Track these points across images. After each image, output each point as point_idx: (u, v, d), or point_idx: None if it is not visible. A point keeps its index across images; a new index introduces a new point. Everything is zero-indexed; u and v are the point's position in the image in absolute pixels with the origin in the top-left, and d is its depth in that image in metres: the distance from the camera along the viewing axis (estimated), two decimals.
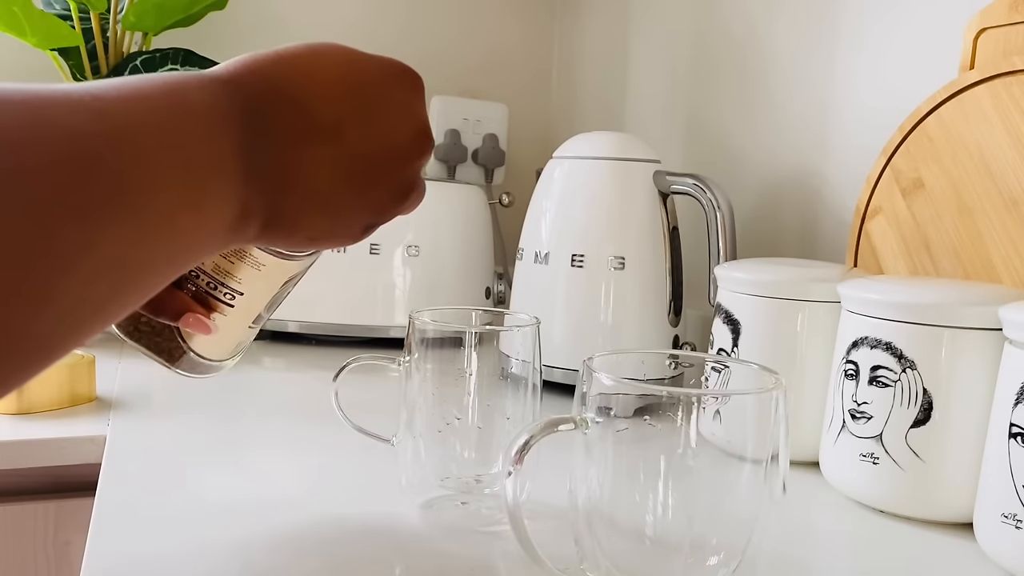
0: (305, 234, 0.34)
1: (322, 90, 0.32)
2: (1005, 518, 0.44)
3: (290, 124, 0.31)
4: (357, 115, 0.33)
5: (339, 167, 0.33)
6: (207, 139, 0.28)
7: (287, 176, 0.31)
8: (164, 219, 0.26)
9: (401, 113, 0.35)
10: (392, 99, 0.35)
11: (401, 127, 0.35)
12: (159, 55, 0.99)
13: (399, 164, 0.36)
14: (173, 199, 0.26)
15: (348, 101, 0.33)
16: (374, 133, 0.34)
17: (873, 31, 0.76)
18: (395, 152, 0.35)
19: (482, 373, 0.50)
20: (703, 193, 0.72)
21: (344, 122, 0.33)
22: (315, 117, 0.32)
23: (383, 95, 0.35)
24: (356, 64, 0.34)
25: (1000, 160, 0.57)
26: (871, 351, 0.51)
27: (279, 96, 0.31)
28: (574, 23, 1.32)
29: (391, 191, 0.36)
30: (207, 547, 0.44)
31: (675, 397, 0.36)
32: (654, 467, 0.37)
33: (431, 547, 0.46)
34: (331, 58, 0.34)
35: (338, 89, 0.33)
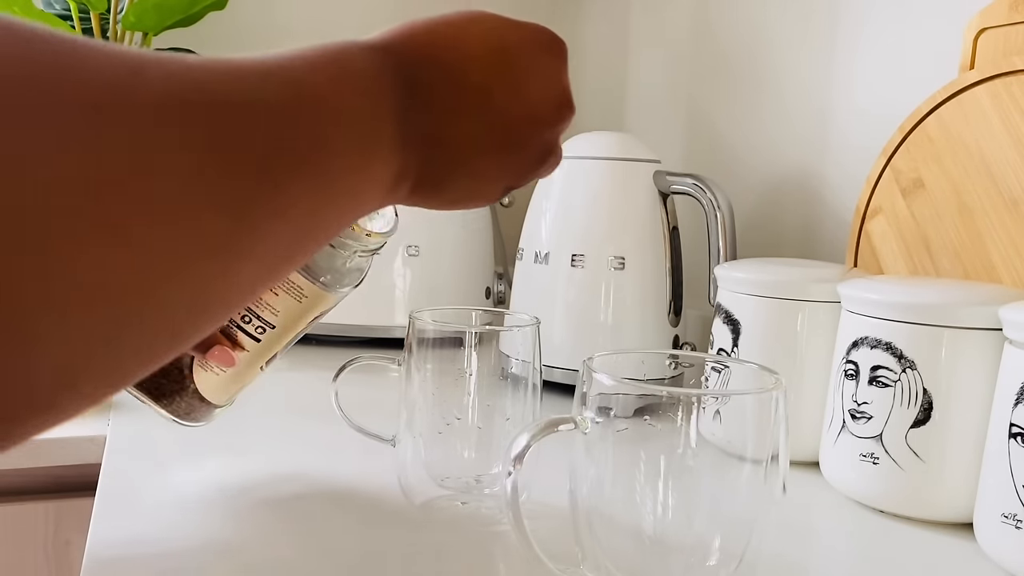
0: (449, 195, 0.35)
1: (472, 56, 0.33)
2: (1005, 518, 0.44)
3: (442, 89, 0.32)
4: (504, 80, 0.34)
5: (484, 130, 0.34)
6: (373, 104, 0.29)
7: (438, 139, 0.32)
8: (341, 181, 0.27)
9: (545, 80, 0.36)
10: (538, 65, 0.36)
11: (545, 93, 0.36)
12: None
13: (540, 129, 0.36)
14: (348, 162, 0.28)
15: (496, 67, 0.34)
16: (519, 98, 0.35)
17: (873, 31, 0.76)
18: (537, 118, 0.36)
19: (482, 373, 0.50)
20: (703, 193, 0.72)
21: (491, 87, 0.34)
22: (465, 82, 0.33)
23: (530, 61, 0.35)
24: (505, 31, 0.35)
25: (1000, 160, 0.57)
26: (871, 351, 0.51)
27: (433, 62, 0.32)
28: (574, 23, 1.32)
29: (531, 155, 0.37)
30: (207, 547, 0.44)
31: (675, 397, 0.36)
32: (654, 467, 0.37)
33: (431, 547, 0.46)
34: (482, 25, 0.35)
35: (487, 55, 0.34)
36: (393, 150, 0.30)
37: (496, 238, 1.05)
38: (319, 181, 0.26)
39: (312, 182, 0.25)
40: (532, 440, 0.37)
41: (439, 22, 0.34)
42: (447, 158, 0.33)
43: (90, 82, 0.19)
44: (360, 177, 0.29)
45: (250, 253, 0.24)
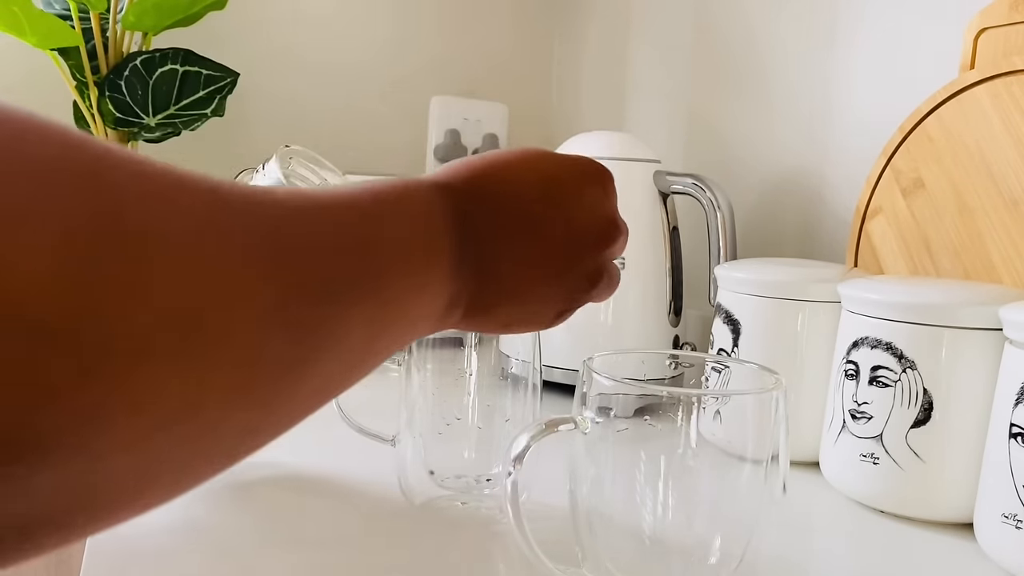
0: (501, 320, 0.37)
1: (522, 190, 0.36)
2: (1005, 518, 0.44)
3: (492, 221, 0.35)
4: (549, 211, 0.36)
5: (533, 259, 0.36)
6: (430, 235, 0.31)
7: (488, 269, 0.34)
8: (396, 312, 0.29)
9: (591, 208, 0.38)
10: (582, 195, 0.38)
11: (589, 220, 0.38)
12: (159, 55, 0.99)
13: (586, 254, 0.38)
14: (405, 295, 0.29)
15: (543, 199, 0.36)
16: (565, 227, 0.37)
17: (873, 31, 0.76)
18: (583, 243, 0.38)
19: (482, 373, 0.50)
20: (703, 193, 0.72)
21: (540, 218, 0.36)
22: (515, 213, 0.35)
23: (574, 191, 0.38)
24: (555, 166, 0.38)
25: (1000, 160, 0.57)
26: (871, 351, 0.51)
27: (486, 196, 0.35)
28: (574, 23, 1.32)
29: (579, 279, 0.38)
30: (207, 547, 0.44)
31: (675, 397, 0.36)
32: (654, 467, 0.37)
33: (431, 547, 0.46)
34: (531, 159, 0.37)
35: (535, 189, 0.36)
36: (445, 281, 0.32)
37: None
38: (377, 313, 0.27)
39: (370, 313, 0.27)
40: (532, 440, 0.37)
41: (496, 158, 0.36)
42: (496, 286, 0.35)
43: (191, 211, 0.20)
44: (415, 308, 0.30)
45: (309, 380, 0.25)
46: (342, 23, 1.25)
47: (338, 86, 1.23)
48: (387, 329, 0.29)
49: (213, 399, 0.21)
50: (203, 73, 1.03)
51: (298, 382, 0.24)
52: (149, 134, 1.01)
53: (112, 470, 0.19)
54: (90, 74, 0.98)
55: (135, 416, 0.19)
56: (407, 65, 1.26)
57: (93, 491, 0.19)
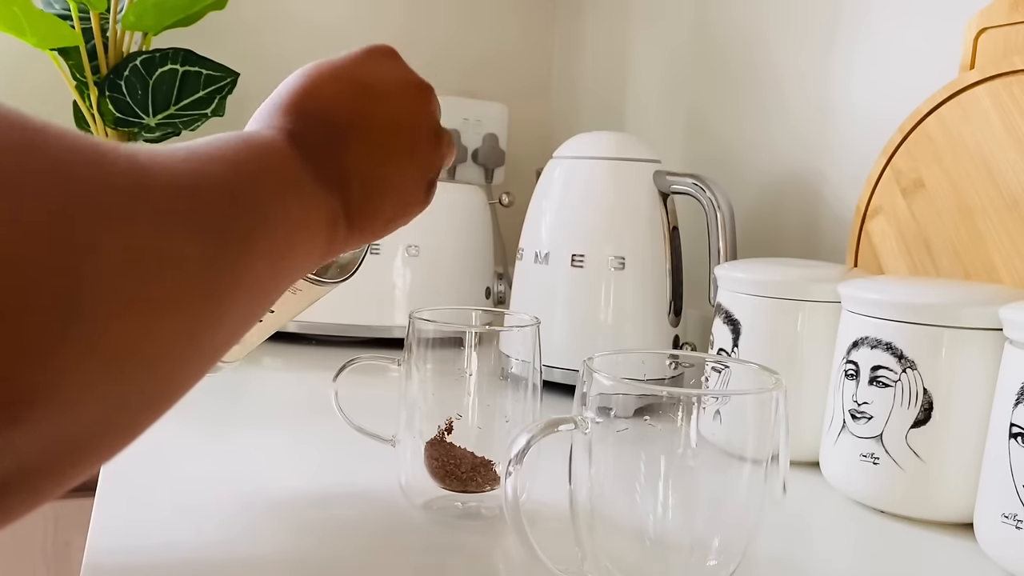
0: (384, 217, 0.40)
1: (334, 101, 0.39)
2: (1005, 518, 0.44)
3: (327, 138, 0.37)
4: (364, 103, 0.39)
5: (374, 149, 0.39)
6: (284, 168, 0.34)
7: (345, 175, 0.37)
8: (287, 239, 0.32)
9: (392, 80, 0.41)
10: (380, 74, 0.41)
11: (397, 91, 0.41)
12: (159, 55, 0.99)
13: (413, 119, 0.41)
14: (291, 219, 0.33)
15: (353, 97, 0.39)
16: (383, 109, 0.40)
17: (873, 31, 0.76)
18: (404, 112, 0.41)
19: (482, 373, 0.50)
20: (703, 193, 0.72)
21: (359, 114, 0.39)
22: (338, 123, 0.38)
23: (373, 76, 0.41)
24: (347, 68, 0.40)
25: (1000, 160, 0.57)
26: (871, 351, 0.51)
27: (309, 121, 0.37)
28: (574, 23, 1.32)
29: (421, 144, 0.42)
30: (207, 547, 0.44)
31: (675, 397, 0.36)
32: (654, 467, 0.37)
33: (431, 547, 0.46)
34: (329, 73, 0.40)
35: (344, 94, 0.39)
36: (318, 203, 0.35)
37: (496, 238, 1.05)
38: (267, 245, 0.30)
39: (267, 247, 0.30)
40: (532, 440, 0.36)
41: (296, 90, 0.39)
42: (362, 187, 0.38)
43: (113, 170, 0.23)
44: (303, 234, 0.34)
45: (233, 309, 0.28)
46: (342, 23, 1.25)
47: None
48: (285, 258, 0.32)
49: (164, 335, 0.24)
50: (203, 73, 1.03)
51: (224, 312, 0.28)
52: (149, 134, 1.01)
53: (90, 416, 0.22)
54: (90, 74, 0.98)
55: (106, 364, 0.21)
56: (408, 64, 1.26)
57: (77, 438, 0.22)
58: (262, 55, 1.18)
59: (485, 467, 0.49)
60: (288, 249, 0.32)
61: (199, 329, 0.26)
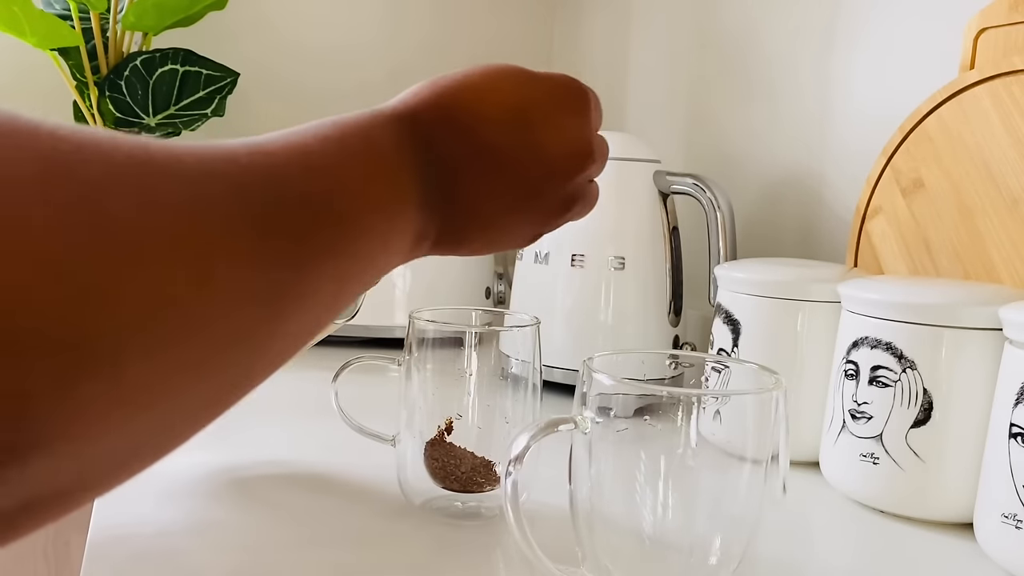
0: (471, 247, 0.37)
1: (489, 115, 0.34)
2: (1005, 518, 0.44)
3: (459, 150, 0.33)
4: (518, 137, 0.35)
5: (500, 187, 0.35)
6: (392, 173, 0.30)
7: (455, 199, 0.33)
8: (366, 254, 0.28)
9: (562, 131, 0.37)
10: (555, 119, 0.37)
11: (561, 145, 0.37)
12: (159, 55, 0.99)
13: (557, 182, 0.37)
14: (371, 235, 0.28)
15: (512, 125, 0.35)
16: (535, 154, 0.36)
17: (873, 31, 0.76)
18: (554, 171, 0.37)
19: (482, 373, 0.50)
20: (703, 193, 0.72)
21: (506, 146, 0.35)
22: (480, 142, 0.34)
23: (546, 117, 0.36)
24: (525, 87, 0.36)
25: (1000, 160, 0.57)
26: (871, 351, 0.51)
27: (450, 124, 0.33)
28: (574, 23, 1.32)
29: (551, 206, 0.38)
30: (207, 547, 0.44)
31: (675, 397, 0.36)
32: (654, 467, 0.37)
33: (431, 547, 0.46)
34: (503, 82, 0.35)
35: (504, 114, 0.35)
36: (412, 217, 0.31)
37: None
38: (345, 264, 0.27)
39: (339, 266, 0.26)
40: (532, 440, 0.36)
41: (465, 80, 0.35)
42: (465, 216, 0.34)
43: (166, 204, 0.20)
44: (382, 250, 0.30)
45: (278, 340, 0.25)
46: (342, 23, 1.25)
47: (338, 85, 1.23)
48: (356, 276, 0.28)
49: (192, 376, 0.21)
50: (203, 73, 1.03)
51: (267, 345, 0.24)
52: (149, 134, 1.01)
53: (102, 451, 0.20)
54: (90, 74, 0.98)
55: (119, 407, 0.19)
56: (407, 65, 1.26)
57: (86, 471, 0.20)
58: (262, 55, 1.18)
59: (485, 467, 0.49)
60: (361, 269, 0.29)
61: (232, 368, 0.23)
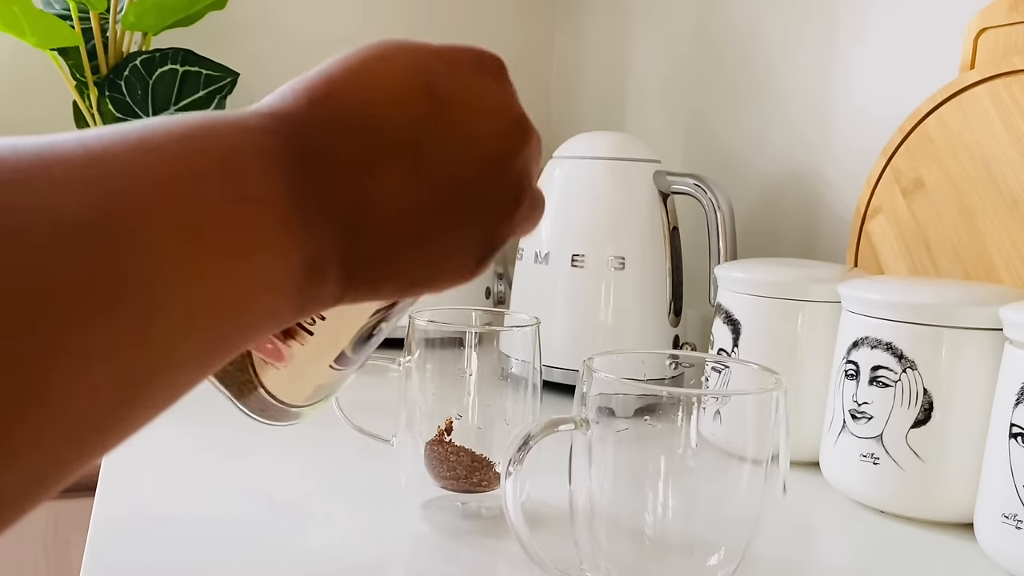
0: (403, 280, 0.28)
1: (387, 102, 0.27)
2: (1006, 518, 0.44)
3: (354, 150, 0.26)
4: (431, 122, 0.27)
5: (422, 189, 0.27)
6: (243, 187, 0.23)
7: (360, 211, 0.26)
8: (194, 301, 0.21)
9: (483, 106, 0.29)
10: (471, 90, 0.29)
11: (486, 124, 0.29)
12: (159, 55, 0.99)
13: (496, 169, 0.29)
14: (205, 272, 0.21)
15: (418, 108, 0.27)
16: (454, 138, 0.27)
17: (873, 31, 0.76)
18: (485, 156, 0.28)
19: (482, 373, 0.50)
20: (703, 193, 0.72)
21: (417, 135, 0.27)
22: (382, 133, 0.26)
23: (459, 87, 0.28)
24: (422, 62, 0.28)
25: (1001, 160, 0.57)
26: (871, 351, 0.51)
27: (338, 119, 0.26)
28: (574, 23, 1.32)
29: (495, 202, 0.29)
30: (206, 546, 0.44)
31: (675, 397, 0.36)
32: (654, 467, 0.37)
33: (431, 547, 0.46)
34: (394, 62, 0.28)
35: (406, 97, 0.27)
36: (290, 234, 0.24)
37: None
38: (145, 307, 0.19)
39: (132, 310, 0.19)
40: (532, 440, 0.36)
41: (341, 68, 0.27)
42: (379, 233, 0.26)
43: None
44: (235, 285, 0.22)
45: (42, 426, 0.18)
46: (341, 23, 1.25)
47: None
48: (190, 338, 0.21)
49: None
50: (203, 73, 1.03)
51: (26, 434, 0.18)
52: None
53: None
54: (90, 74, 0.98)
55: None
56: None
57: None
58: (262, 55, 1.18)
59: (485, 467, 0.49)
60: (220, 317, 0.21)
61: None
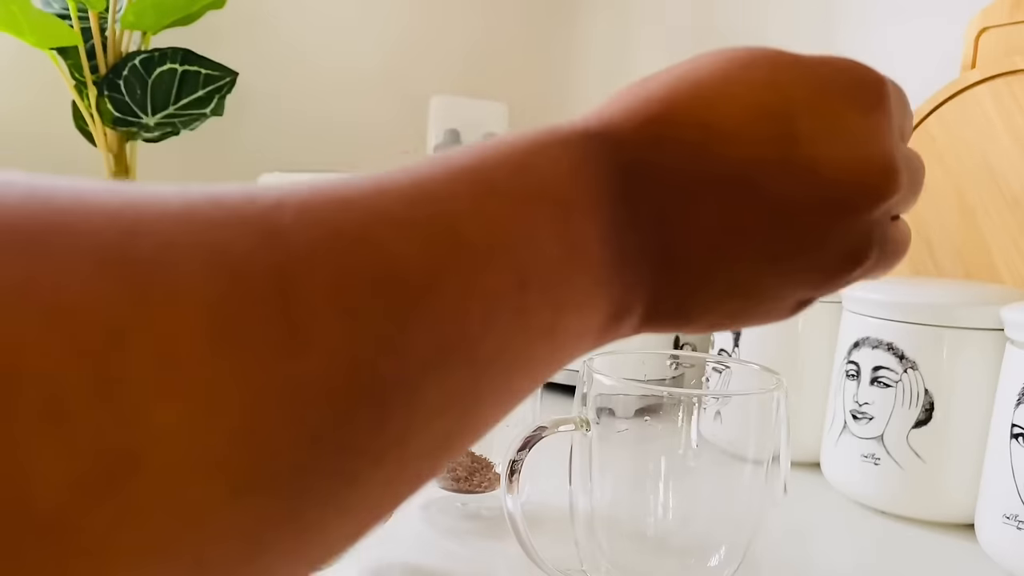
0: (708, 320, 0.25)
1: (731, 124, 0.22)
2: (1007, 519, 0.44)
3: (684, 180, 0.22)
4: (779, 155, 0.22)
5: (751, 233, 0.23)
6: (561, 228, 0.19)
7: (676, 247, 0.22)
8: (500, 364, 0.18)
9: (846, 148, 0.23)
10: (836, 127, 0.23)
11: (844, 169, 0.23)
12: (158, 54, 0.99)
13: (841, 219, 0.24)
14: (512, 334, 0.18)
15: (768, 136, 0.22)
16: (800, 181, 0.23)
17: (875, 30, 0.76)
18: (833, 206, 0.23)
19: None
20: None
21: (757, 166, 0.22)
22: (718, 165, 0.22)
23: (822, 122, 0.23)
24: (784, 78, 0.23)
25: (1002, 159, 0.57)
26: (872, 351, 0.51)
27: (669, 142, 0.22)
28: (574, 23, 1.32)
29: (832, 257, 0.25)
30: None
31: (676, 398, 0.36)
32: (655, 468, 0.37)
33: (431, 548, 0.45)
34: (749, 73, 0.23)
35: (754, 120, 0.22)
36: (603, 283, 0.21)
37: None
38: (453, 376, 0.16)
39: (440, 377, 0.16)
40: (532, 440, 0.36)
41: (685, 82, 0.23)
42: (693, 271, 0.23)
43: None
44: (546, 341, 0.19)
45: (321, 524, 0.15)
46: (341, 22, 1.25)
47: (337, 85, 1.23)
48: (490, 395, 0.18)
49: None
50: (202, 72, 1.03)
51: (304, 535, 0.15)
52: (148, 134, 1.01)
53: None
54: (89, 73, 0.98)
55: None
56: (406, 64, 1.26)
57: None
58: (262, 54, 1.17)
59: (485, 468, 0.49)
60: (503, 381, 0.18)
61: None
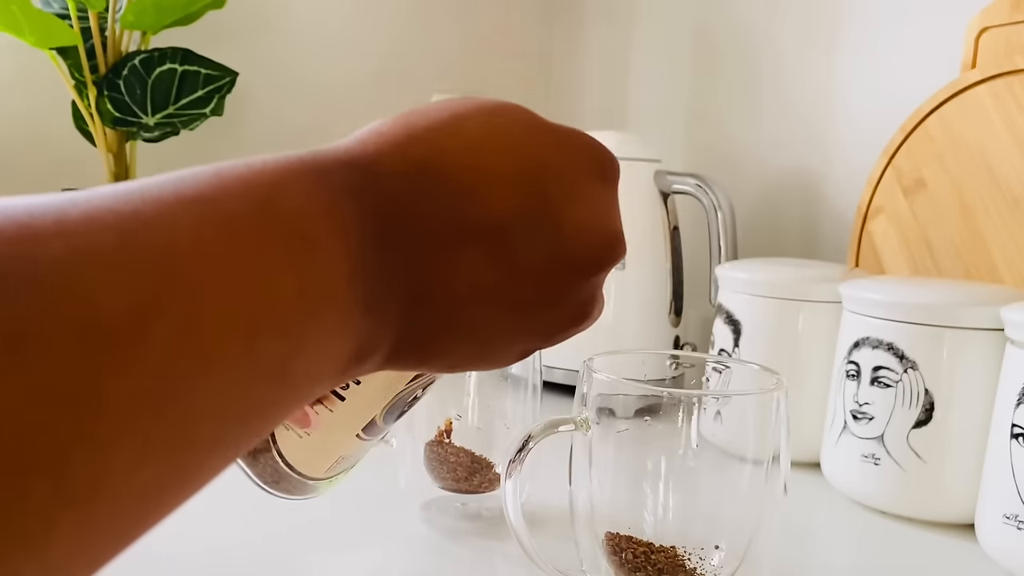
0: (443, 362, 0.26)
1: (493, 174, 0.23)
2: (1007, 519, 0.44)
3: (439, 221, 0.22)
4: (527, 213, 0.24)
5: (495, 281, 0.24)
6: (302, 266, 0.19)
7: (425, 292, 0.23)
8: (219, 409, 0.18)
9: (586, 213, 0.26)
10: (578, 194, 0.26)
11: (584, 233, 0.26)
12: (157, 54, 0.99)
13: (576, 280, 0.26)
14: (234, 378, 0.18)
15: (519, 194, 0.24)
16: (547, 238, 0.25)
17: (875, 30, 0.76)
18: (573, 265, 0.26)
19: (482, 374, 0.50)
20: (704, 193, 0.72)
21: (509, 222, 0.24)
22: (474, 213, 0.23)
23: (567, 188, 0.25)
24: (538, 146, 0.26)
25: (1002, 159, 0.57)
26: (872, 351, 0.51)
27: (432, 181, 0.22)
28: (574, 23, 1.32)
29: (563, 312, 0.27)
30: (206, 547, 0.44)
31: (676, 398, 0.36)
32: (655, 468, 0.37)
33: (431, 548, 0.45)
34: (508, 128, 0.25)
35: (516, 173, 0.24)
36: (349, 319, 0.21)
37: None
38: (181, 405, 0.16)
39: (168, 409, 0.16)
40: (532, 441, 0.36)
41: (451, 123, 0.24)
42: (437, 316, 0.24)
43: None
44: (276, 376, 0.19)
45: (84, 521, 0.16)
46: (341, 22, 1.25)
47: (337, 85, 1.23)
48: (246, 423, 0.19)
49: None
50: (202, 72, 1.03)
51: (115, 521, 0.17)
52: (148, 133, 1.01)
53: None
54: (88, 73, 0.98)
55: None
56: (406, 64, 1.26)
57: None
58: (261, 55, 1.17)
59: (485, 468, 0.49)
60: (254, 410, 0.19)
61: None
